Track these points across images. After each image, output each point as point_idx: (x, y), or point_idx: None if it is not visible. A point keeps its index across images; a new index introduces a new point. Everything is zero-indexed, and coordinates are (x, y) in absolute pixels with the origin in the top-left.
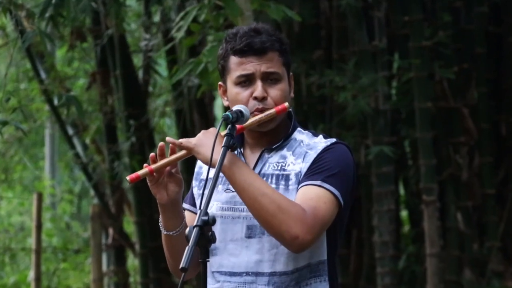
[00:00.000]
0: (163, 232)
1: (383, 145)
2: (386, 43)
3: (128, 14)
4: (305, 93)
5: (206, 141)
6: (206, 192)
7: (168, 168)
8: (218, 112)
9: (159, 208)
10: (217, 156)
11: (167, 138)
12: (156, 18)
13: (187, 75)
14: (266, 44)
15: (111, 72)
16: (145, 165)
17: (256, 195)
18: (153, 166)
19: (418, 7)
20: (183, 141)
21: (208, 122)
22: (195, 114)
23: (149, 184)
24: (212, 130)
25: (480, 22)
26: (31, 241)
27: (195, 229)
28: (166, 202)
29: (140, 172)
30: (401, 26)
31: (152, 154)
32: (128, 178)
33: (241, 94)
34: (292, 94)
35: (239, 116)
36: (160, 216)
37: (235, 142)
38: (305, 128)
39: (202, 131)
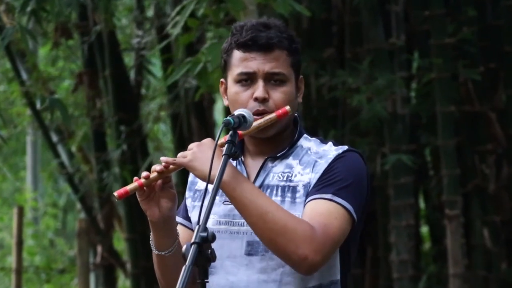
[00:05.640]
0: (154, 252)
1: (401, 154)
2: (404, 40)
3: (119, 8)
4: (315, 95)
5: (202, 155)
6: (205, 205)
7: (159, 182)
8: (218, 116)
9: (150, 225)
10: (215, 172)
11: (162, 158)
12: (150, 12)
13: (184, 76)
14: (273, 40)
15: (100, 72)
16: (135, 178)
17: (259, 213)
18: (143, 180)
19: (440, 0)
20: (177, 159)
21: (207, 127)
22: (192, 119)
23: (139, 199)
24: (207, 142)
25: (508, 17)
26: (11, 260)
27: (192, 246)
28: (158, 219)
29: (129, 187)
30: (421, 22)
31: (145, 172)
32: (116, 193)
33: (240, 94)
34: (300, 99)
35: (242, 121)
36: (151, 233)
37: (236, 150)
38: (312, 134)
39: (196, 144)
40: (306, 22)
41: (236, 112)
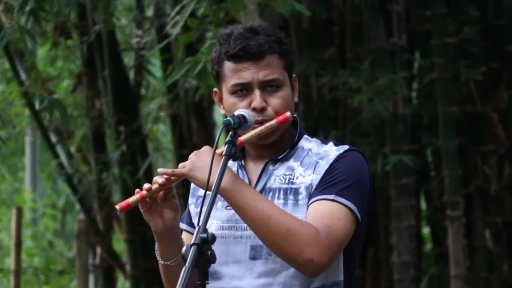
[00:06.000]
0: (160, 261)
1: (403, 154)
2: (405, 40)
3: (118, 8)
4: (316, 96)
5: (200, 163)
6: (204, 209)
7: (161, 193)
8: (218, 117)
9: (155, 236)
10: (214, 179)
11: (159, 170)
12: (149, 12)
13: (184, 76)
14: (263, 47)
15: (99, 72)
16: (136, 190)
17: (261, 218)
18: (145, 192)
19: (442, 0)
20: (177, 170)
21: (207, 128)
22: (192, 119)
23: (142, 211)
24: (205, 150)
25: (510, 17)
26: (10, 261)
27: (192, 248)
28: (161, 229)
29: (131, 200)
30: (422, 22)
31: (147, 184)
32: (118, 207)
33: (237, 104)
34: (296, 99)
35: (242, 122)
36: (155, 244)
37: (237, 150)
38: (313, 135)
39: (195, 153)
40: (306, 22)
41: (236, 113)
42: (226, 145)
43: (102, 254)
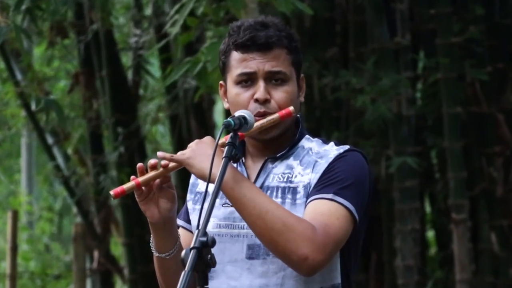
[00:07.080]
0: (155, 254)
1: (407, 156)
2: (409, 39)
3: (116, 7)
4: (318, 96)
5: (200, 153)
6: (204, 208)
7: (158, 181)
8: (218, 118)
9: (150, 227)
10: (213, 171)
11: (158, 153)
12: (148, 11)
13: (183, 76)
14: (272, 39)
15: (96, 72)
16: (132, 177)
17: (258, 212)
18: (140, 179)
19: None
20: (176, 155)
21: (207, 129)
22: (192, 120)
23: (137, 199)
24: (207, 140)
25: None
26: (5, 265)
27: (192, 251)
28: (157, 220)
29: (126, 186)
30: (427, 21)
31: (140, 164)
32: (112, 192)
33: (241, 95)
34: (302, 98)
35: (243, 123)
36: (151, 236)
37: (237, 152)
38: (315, 136)
39: (196, 141)
40: (308, 21)
41: (237, 114)
42: (227, 146)
43: (99, 258)
